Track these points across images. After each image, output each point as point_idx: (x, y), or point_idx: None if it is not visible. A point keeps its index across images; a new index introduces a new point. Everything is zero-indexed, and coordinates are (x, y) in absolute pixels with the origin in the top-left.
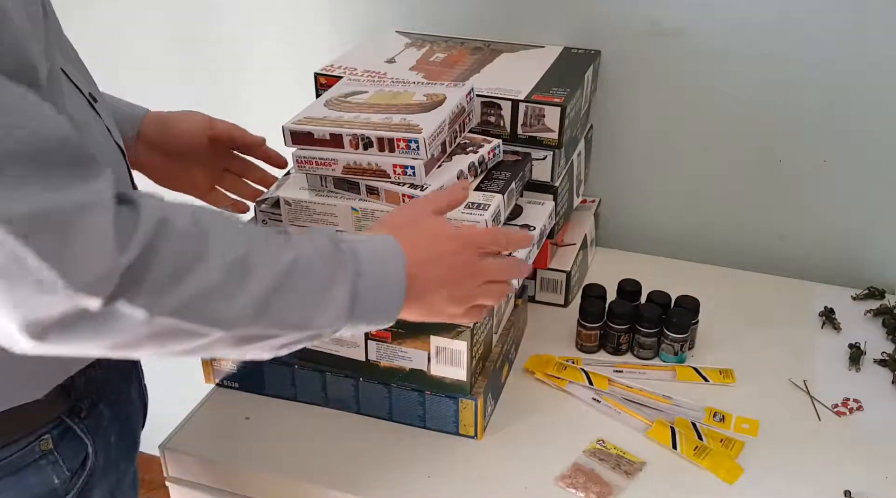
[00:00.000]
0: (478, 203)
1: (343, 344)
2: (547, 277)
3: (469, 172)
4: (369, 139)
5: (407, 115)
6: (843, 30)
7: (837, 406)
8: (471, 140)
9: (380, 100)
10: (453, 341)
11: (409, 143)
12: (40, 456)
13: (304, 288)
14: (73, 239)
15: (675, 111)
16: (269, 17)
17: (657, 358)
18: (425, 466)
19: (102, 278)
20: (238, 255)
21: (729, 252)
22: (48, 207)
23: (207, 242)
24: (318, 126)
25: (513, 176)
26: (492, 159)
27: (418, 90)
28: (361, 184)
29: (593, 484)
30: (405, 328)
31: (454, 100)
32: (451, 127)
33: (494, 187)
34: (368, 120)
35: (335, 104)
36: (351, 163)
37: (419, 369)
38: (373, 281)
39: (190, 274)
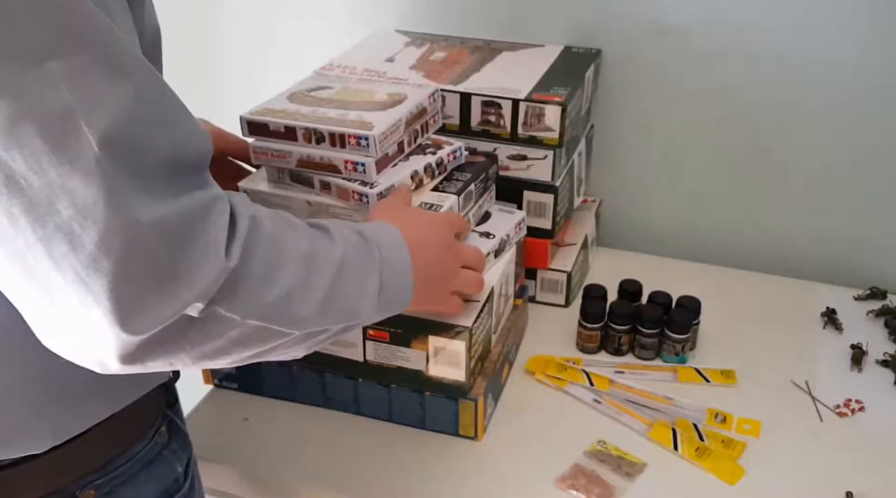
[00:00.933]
0: (430, 203)
1: (342, 344)
2: (547, 277)
3: (425, 173)
4: (322, 134)
5: (364, 113)
6: (844, 29)
7: (839, 407)
8: (433, 141)
9: (342, 96)
10: (452, 341)
11: (359, 140)
12: (163, 447)
13: (352, 280)
14: (194, 244)
15: (676, 111)
16: (269, 16)
17: (658, 359)
18: (425, 468)
19: (212, 283)
20: (303, 253)
21: (730, 252)
22: (183, 211)
23: (286, 242)
24: (273, 118)
25: (473, 177)
26: (452, 162)
27: (382, 89)
28: (315, 178)
29: (594, 485)
30: (403, 328)
31: (414, 100)
32: (410, 127)
33: (451, 188)
34: (325, 115)
35: (298, 98)
36: (304, 156)
37: (417, 370)
38: (394, 268)
39: (277, 276)
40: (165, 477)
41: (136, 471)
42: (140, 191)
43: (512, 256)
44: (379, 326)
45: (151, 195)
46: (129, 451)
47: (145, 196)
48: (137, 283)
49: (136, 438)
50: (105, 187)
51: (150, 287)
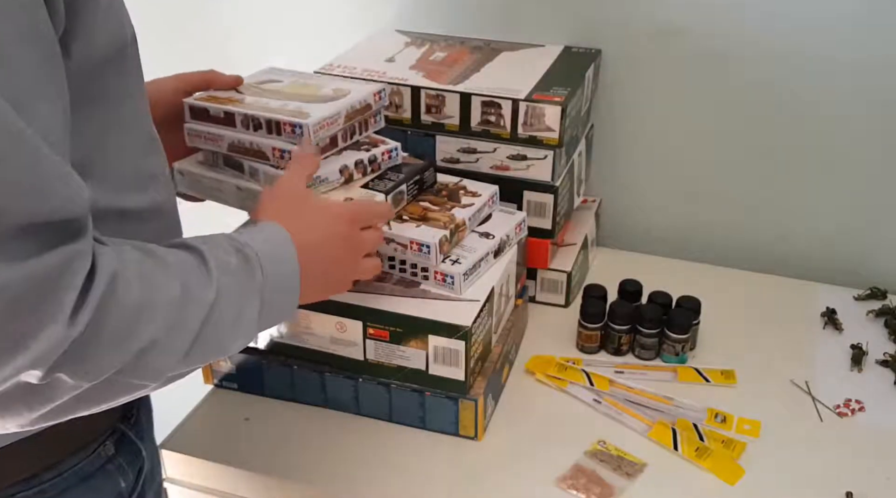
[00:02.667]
0: (354, 199)
1: (341, 343)
2: (547, 277)
3: (356, 169)
4: (259, 120)
5: (304, 104)
6: (845, 29)
7: (839, 407)
8: (371, 140)
9: (289, 89)
10: (451, 341)
11: (294, 127)
12: (106, 461)
13: (224, 320)
14: (37, 309)
15: (676, 111)
16: (269, 16)
17: (658, 359)
18: (425, 467)
19: (50, 350)
20: (174, 301)
21: (730, 252)
22: (32, 273)
23: (150, 295)
24: (214, 103)
25: (406, 178)
26: (387, 161)
27: (330, 84)
28: (245, 163)
29: (594, 485)
30: (404, 328)
31: (357, 96)
32: (349, 122)
33: (381, 187)
34: (266, 104)
35: (245, 88)
36: (235, 141)
37: (418, 369)
38: (277, 285)
39: (133, 334)
40: (106, 492)
41: (70, 484)
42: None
43: (513, 256)
44: (379, 324)
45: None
46: (60, 465)
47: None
48: None
49: (70, 452)
50: None
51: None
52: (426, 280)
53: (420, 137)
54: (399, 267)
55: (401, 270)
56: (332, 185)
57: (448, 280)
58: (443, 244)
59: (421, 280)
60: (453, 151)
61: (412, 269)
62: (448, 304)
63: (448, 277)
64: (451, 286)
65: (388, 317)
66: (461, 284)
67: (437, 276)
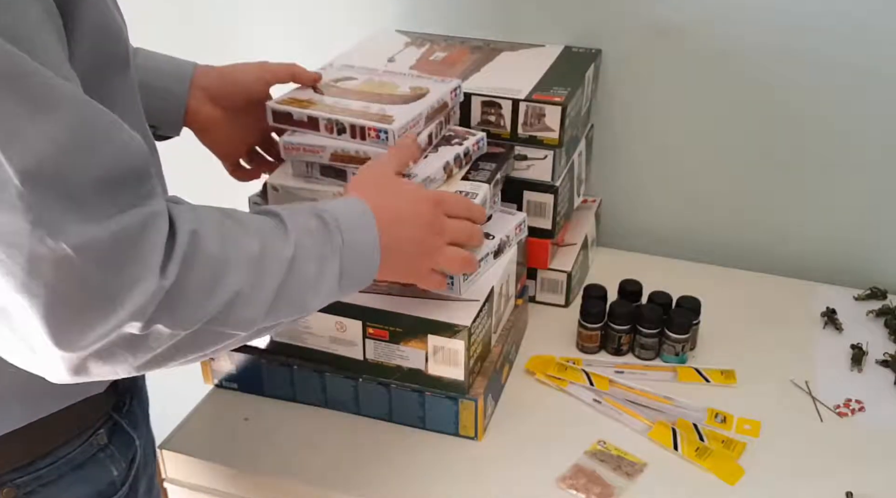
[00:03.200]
0: (466, 192)
1: (341, 343)
2: (547, 277)
3: (455, 164)
4: (343, 125)
5: (386, 106)
6: (845, 29)
7: (839, 407)
8: (455, 132)
9: (366, 88)
10: (451, 340)
11: (378, 133)
12: (98, 450)
13: (305, 276)
14: (127, 264)
15: (676, 111)
16: (269, 15)
17: (658, 359)
18: (425, 467)
19: (146, 303)
20: (253, 256)
21: (730, 252)
22: (116, 231)
23: (230, 249)
24: (297, 107)
25: (498, 167)
26: (476, 151)
27: (405, 83)
28: (348, 172)
29: (594, 485)
30: (403, 327)
31: (436, 94)
32: (432, 120)
33: (481, 177)
34: (348, 106)
35: (325, 87)
36: (339, 150)
37: (417, 368)
38: (356, 251)
39: (219, 285)
40: (98, 480)
41: (63, 472)
42: (69, 214)
43: (513, 256)
44: (378, 324)
45: (82, 218)
46: (55, 452)
47: (75, 220)
48: (70, 305)
49: (64, 440)
50: (29, 217)
51: (83, 309)
52: None
53: None
54: None
55: None
56: (438, 183)
57: (448, 281)
58: None
59: None
60: None
61: None
62: (447, 303)
63: (448, 278)
64: (451, 287)
65: (387, 316)
66: (461, 284)
67: None
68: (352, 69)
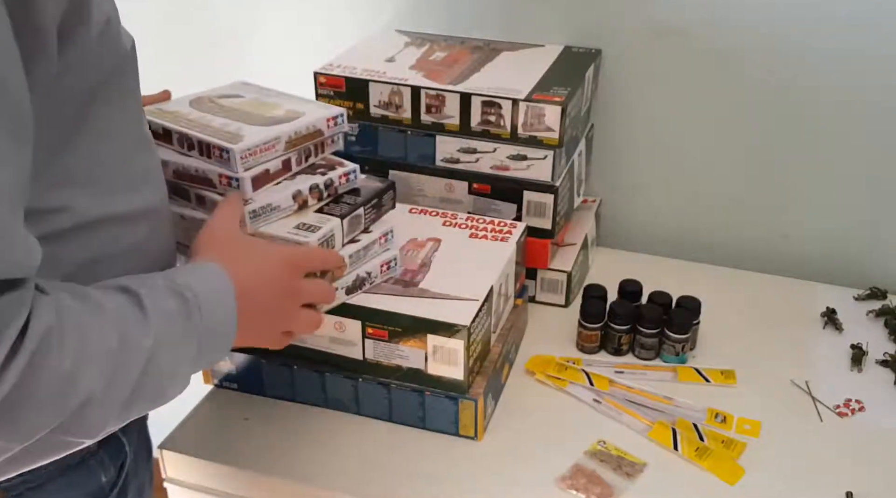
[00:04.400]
0: (309, 224)
1: (340, 343)
2: (547, 277)
3: (311, 193)
4: (192, 141)
5: (246, 126)
6: (844, 29)
7: (839, 407)
8: (327, 162)
9: (245, 107)
10: (450, 340)
11: (222, 152)
12: (88, 455)
13: (162, 367)
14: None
15: (676, 111)
16: (269, 15)
17: (658, 359)
18: (425, 467)
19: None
20: (111, 351)
21: (730, 252)
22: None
23: (87, 348)
24: (156, 118)
25: (363, 201)
26: (344, 184)
27: (288, 105)
28: (191, 191)
29: (594, 485)
30: (402, 327)
31: (306, 120)
32: (294, 147)
33: (336, 211)
34: (209, 123)
35: (199, 102)
36: (180, 168)
37: (417, 368)
38: (214, 331)
39: (70, 391)
40: (86, 485)
41: (52, 476)
42: None
43: (512, 256)
44: (377, 324)
45: None
46: None
47: None
48: None
49: None
50: None
51: None
52: None
53: (420, 137)
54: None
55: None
56: (285, 213)
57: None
58: None
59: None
60: (453, 151)
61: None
62: (446, 303)
63: None
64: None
65: (386, 316)
66: None
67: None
68: (247, 88)
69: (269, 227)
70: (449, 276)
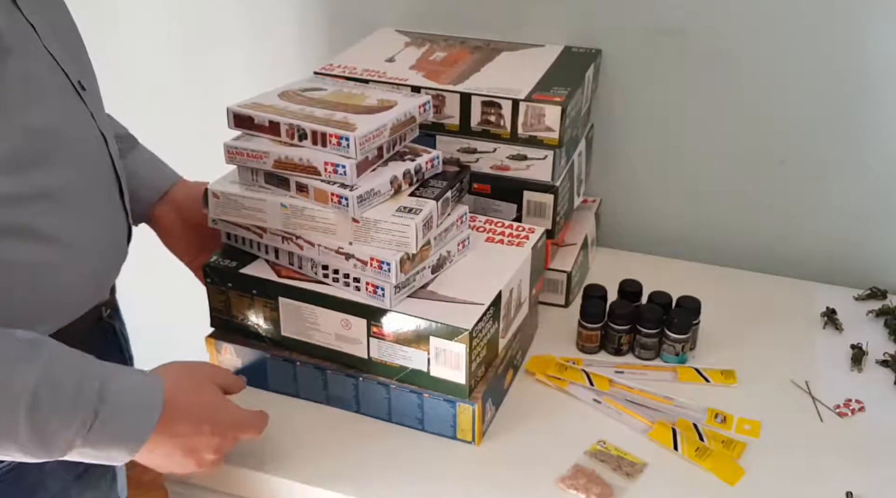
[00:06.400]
0: (410, 207)
1: (346, 340)
2: (547, 277)
3: (404, 179)
4: (304, 131)
5: (351, 115)
6: (844, 29)
7: (839, 407)
8: (411, 149)
9: (333, 98)
10: (452, 343)
11: (340, 140)
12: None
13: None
14: None
15: (675, 111)
16: (270, 15)
17: (658, 359)
18: (426, 467)
19: None
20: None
21: (730, 252)
22: None
23: None
24: (259, 111)
25: (449, 185)
26: (430, 170)
27: (374, 94)
28: (291, 180)
29: (594, 485)
30: (406, 327)
31: (403, 108)
32: (395, 133)
33: (429, 194)
34: (311, 113)
35: (288, 96)
36: (282, 157)
37: (420, 369)
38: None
39: None
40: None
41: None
42: None
43: (527, 260)
44: (383, 324)
45: None
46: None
47: None
48: None
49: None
50: None
51: None
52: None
53: (420, 137)
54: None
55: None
56: (384, 198)
57: (379, 291)
58: (403, 263)
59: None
60: (453, 151)
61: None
62: (452, 306)
63: (379, 289)
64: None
65: (391, 316)
66: (391, 297)
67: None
68: (323, 81)
69: (371, 211)
70: (459, 279)
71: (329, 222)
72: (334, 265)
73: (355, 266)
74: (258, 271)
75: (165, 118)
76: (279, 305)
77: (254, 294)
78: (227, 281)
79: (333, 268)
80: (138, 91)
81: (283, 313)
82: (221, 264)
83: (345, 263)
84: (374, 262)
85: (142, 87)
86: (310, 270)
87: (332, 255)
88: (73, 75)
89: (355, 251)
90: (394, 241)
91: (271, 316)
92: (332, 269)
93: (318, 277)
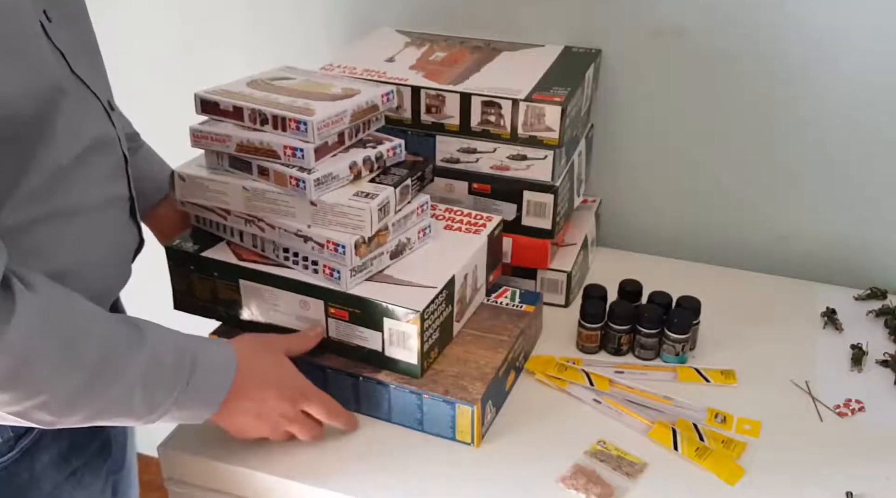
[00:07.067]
0: (367, 192)
1: (305, 321)
2: (547, 277)
3: (364, 165)
4: (266, 115)
5: (312, 101)
6: (843, 29)
7: (839, 407)
8: (374, 137)
9: (300, 87)
10: (404, 324)
11: (299, 124)
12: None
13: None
14: None
15: (675, 111)
16: (270, 15)
17: (658, 359)
18: (426, 467)
19: None
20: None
21: (730, 252)
22: None
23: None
24: (225, 97)
25: (410, 173)
26: (392, 158)
27: (340, 84)
28: (253, 163)
29: (594, 485)
30: (361, 309)
31: (366, 96)
32: (355, 121)
33: (388, 181)
34: (275, 100)
35: (256, 84)
36: (244, 141)
37: (375, 349)
38: (194, 396)
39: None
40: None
41: None
42: None
43: (483, 246)
44: (339, 305)
45: None
46: None
47: None
48: None
49: None
50: None
51: None
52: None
53: (420, 137)
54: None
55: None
56: (342, 182)
57: (335, 274)
58: (359, 246)
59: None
60: (453, 151)
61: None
62: (407, 289)
63: (335, 272)
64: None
65: (346, 298)
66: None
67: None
68: (293, 71)
69: (328, 195)
70: (415, 264)
71: (288, 205)
72: (294, 248)
73: (313, 249)
74: (220, 255)
75: (165, 118)
76: (240, 287)
77: (215, 276)
78: (190, 263)
79: (293, 250)
80: (138, 91)
81: (245, 295)
82: (184, 247)
83: (303, 246)
84: (331, 244)
85: (142, 88)
86: (272, 252)
87: (292, 237)
88: (102, 96)
89: (313, 234)
90: (350, 225)
91: (233, 297)
92: (293, 251)
93: (280, 259)
